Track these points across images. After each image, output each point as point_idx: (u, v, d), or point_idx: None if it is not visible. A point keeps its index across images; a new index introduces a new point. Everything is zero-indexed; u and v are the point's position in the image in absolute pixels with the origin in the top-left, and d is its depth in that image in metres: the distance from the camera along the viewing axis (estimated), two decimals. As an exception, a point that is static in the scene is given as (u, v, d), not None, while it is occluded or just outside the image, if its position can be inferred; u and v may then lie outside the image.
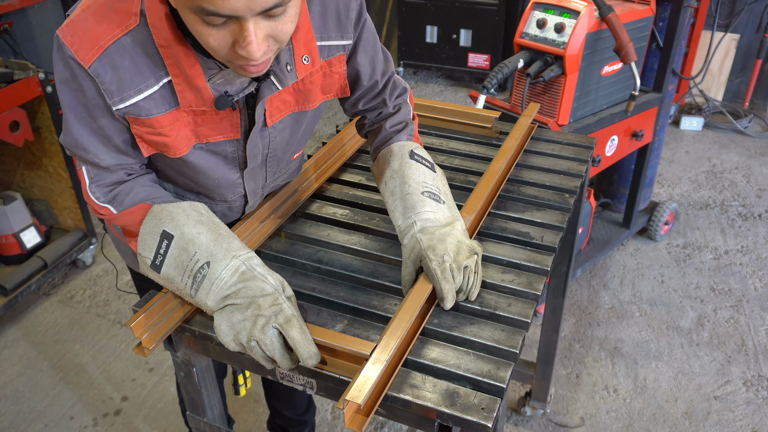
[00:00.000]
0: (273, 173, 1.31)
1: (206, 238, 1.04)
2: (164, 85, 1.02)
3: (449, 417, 0.95)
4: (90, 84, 1.00)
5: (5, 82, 2.46)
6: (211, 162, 1.16)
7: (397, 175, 1.22)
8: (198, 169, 1.16)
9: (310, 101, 1.19)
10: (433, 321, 1.11)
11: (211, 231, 1.05)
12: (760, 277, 2.89)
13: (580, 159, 1.61)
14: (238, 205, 1.33)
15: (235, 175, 1.22)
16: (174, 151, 1.09)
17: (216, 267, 1.02)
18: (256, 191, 1.30)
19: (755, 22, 4.24)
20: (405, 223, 1.17)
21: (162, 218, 1.05)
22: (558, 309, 2.02)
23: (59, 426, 2.26)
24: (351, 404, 0.92)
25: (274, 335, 0.99)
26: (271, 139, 1.19)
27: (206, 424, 1.32)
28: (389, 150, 1.27)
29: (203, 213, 1.08)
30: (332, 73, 1.20)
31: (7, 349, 2.58)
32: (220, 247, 1.03)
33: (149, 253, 1.06)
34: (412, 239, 1.15)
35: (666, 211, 3.04)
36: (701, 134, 4.15)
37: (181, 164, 1.15)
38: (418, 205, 1.17)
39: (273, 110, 1.13)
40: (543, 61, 2.25)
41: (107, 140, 1.07)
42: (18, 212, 2.77)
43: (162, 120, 1.04)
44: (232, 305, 1.01)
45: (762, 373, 2.41)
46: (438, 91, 4.86)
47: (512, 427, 2.23)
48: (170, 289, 1.10)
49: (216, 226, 1.07)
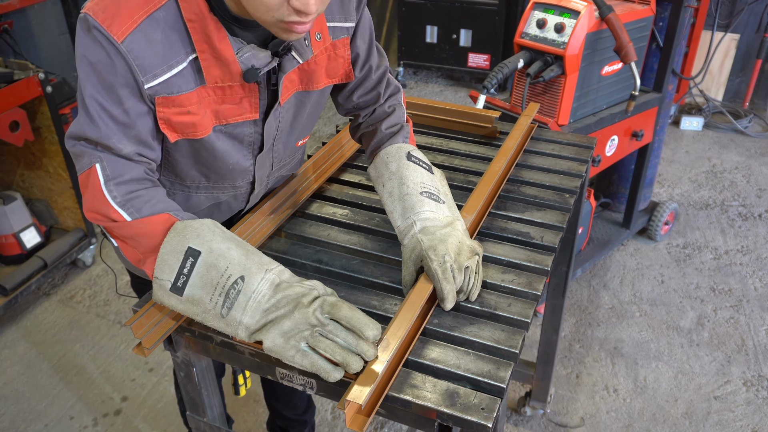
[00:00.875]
0: (279, 160, 1.31)
1: (237, 253, 0.99)
2: (191, 62, 1.03)
3: (449, 417, 0.95)
4: (121, 61, 0.98)
5: (5, 82, 2.46)
6: (229, 146, 1.16)
7: (395, 176, 1.22)
8: (216, 153, 1.15)
9: (314, 82, 1.20)
10: (433, 321, 1.11)
11: (240, 247, 1.01)
12: (760, 277, 2.89)
13: (580, 159, 1.61)
14: (243, 192, 1.32)
15: (248, 161, 1.23)
16: (201, 130, 1.08)
17: (252, 281, 0.96)
18: (263, 178, 1.31)
19: (755, 22, 4.24)
20: (404, 224, 1.17)
21: (186, 234, 0.99)
22: (558, 309, 2.03)
23: (59, 426, 2.26)
24: (352, 404, 0.92)
25: (332, 324, 0.95)
26: (281, 120, 1.20)
27: (206, 424, 1.32)
28: (386, 152, 1.27)
29: (226, 231, 1.03)
30: (337, 57, 1.22)
31: (7, 349, 2.58)
32: (253, 262, 0.99)
33: (169, 275, 0.99)
34: (413, 239, 1.14)
35: (666, 211, 3.04)
36: (701, 134, 4.15)
37: (201, 149, 1.14)
38: (417, 205, 1.17)
39: (283, 89, 1.14)
40: (543, 61, 2.25)
41: (129, 128, 1.03)
42: (18, 212, 2.77)
43: (191, 97, 1.04)
44: (276, 318, 0.96)
45: (762, 373, 2.41)
46: (438, 91, 4.86)
47: (512, 427, 2.23)
48: (189, 315, 1.01)
49: (242, 242, 1.03)
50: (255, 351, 1.08)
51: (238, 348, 1.09)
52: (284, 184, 1.43)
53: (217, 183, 1.26)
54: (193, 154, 1.16)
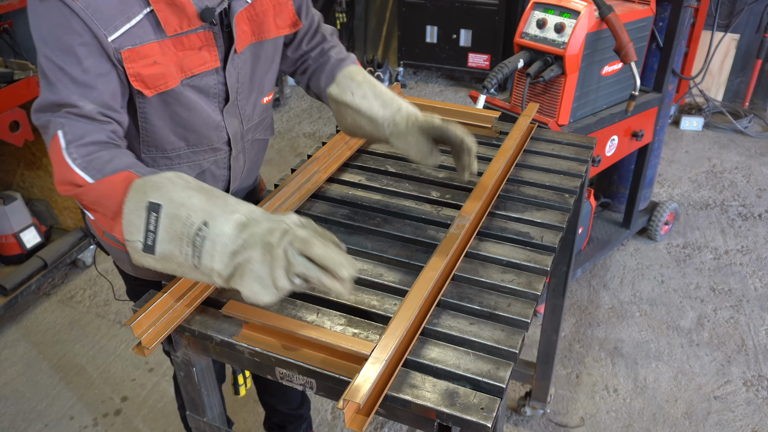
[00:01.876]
0: (247, 118, 1.33)
1: (198, 199, 0.94)
2: (147, 15, 1.07)
3: (449, 417, 0.95)
4: (77, 20, 1.01)
5: (5, 82, 2.47)
6: (197, 99, 1.19)
7: (365, 84, 1.30)
8: (189, 105, 1.18)
9: (265, 31, 1.26)
10: (432, 321, 1.11)
11: (203, 192, 0.96)
12: (760, 277, 2.89)
13: (580, 159, 1.61)
14: (223, 157, 1.32)
15: (218, 115, 1.25)
16: (170, 80, 1.12)
17: (215, 224, 0.91)
18: (237, 138, 1.32)
19: (755, 22, 4.24)
20: (388, 110, 1.24)
21: (146, 189, 0.95)
22: (558, 309, 2.03)
23: (59, 426, 2.26)
24: (351, 404, 0.92)
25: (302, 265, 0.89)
26: (240, 71, 1.24)
27: (206, 424, 1.32)
28: (348, 71, 1.35)
29: (190, 181, 0.98)
30: (281, 6, 1.28)
31: (7, 349, 2.58)
32: (216, 205, 0.94)
33: (138, 235, 0.95)
34: (404, 114, 1.23)
35: (666, 211, 3.04)
36: (701, 134, 4.15)
37: (174, 104, 1.17)
38: (396, 99, 1.27)
39: (237, 37, 1.19)
40: (543, 61, 2.25)
41: (90, 88, 1.03)
42: (18, 212, 2.77)
43: (153, 47, 1.08)
44: (245, 261, 0.90)
45: (762, 373, 2.41)
46: (438, 91, 4.86)
47: (512, 427, 2.23)
48: (170, 272, 0.97)
49: (207, 189, 0.98)
50: (255, 351, 1.08)
51: (237, 348, 1.09)
52: (284, 184, 1.43)
53: (196, 145, 1.26)
54: (170, 115, 1.18)
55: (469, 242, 1.29)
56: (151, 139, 1.21)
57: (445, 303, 1.15)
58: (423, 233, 1.33)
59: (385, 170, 1.57)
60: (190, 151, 1.26)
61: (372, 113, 1.27)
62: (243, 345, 1.08)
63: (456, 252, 1.24)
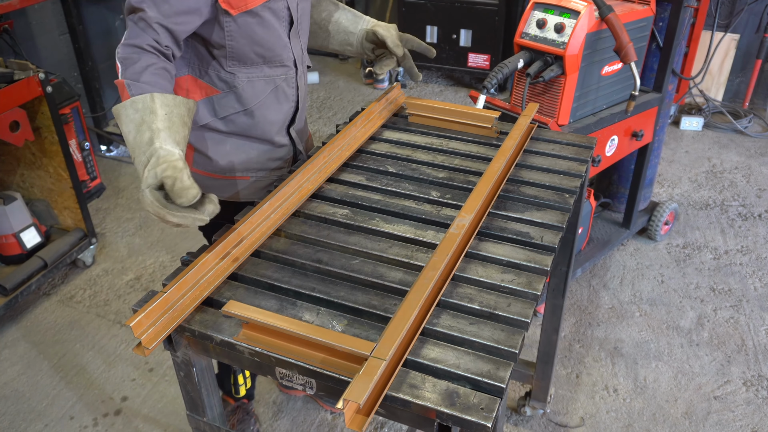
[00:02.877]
0: (302, 47, 1.63)
1: (131, 136, 1.19)
2: None
3: (449, 417, 0.95)
4: None
5: (5, 82, 2.46)
6: (272, 20, 1.48)
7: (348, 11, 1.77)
8: (266, 24, 1.46)
9: None
10: (432, 321, 1.11)
11: (136, 128, 1.19)
12: (760, 277, 2.89)
13: (580, 159, 1.62)
14: (291, 76, 1.60)
15: (286, 37, 1.54)
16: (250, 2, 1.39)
17: (136, 163, 1.18)
18: (299, 58, 1.61)
19: (755, 22, 4.24)
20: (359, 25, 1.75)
21: (115, 115, 1.23)
22: (558, 309, 2.03)
23: (59, 426, 2.26)
24: (351, 404, 0.92)
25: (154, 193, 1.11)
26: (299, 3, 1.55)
27: (206, 424, 1.32)
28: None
29: (138, 109, 1.20)
30: None
31: (7, 349, 2.58)
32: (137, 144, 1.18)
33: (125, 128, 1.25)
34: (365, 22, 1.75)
35: (666, 211, 3.04)
36: (701, 134, 4.15)
37: (254, 24, 1.45)
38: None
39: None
40: (543, 61, 2.25)
41: (167, 1, 1.29)
42: (18, 212, 2.77)
43: None
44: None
45: (762, 373, 2.41)
46: (438, 91, 4.87)
47: (512, 427, 2.23)
48: None
49: (141, 122, 1.19)
50: (255, 351, 1.08)
51: (237, 348, 1.09)
52: (284, 184, 1.43)
53: (271, 62, 1.53)
54: (250, 33, 1.46)
55: (469, 242, 1.29)
56: (236, 54, 1.48)
57: (445, 303, 1.15)
58: (423, 233, 1.33)
59: (385, 170, 1.57)
60: (267, 66, 1.54)
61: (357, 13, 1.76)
62: (243, 345, 1.08)
63: (456, 252, 1.24)
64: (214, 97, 1.53)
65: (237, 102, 1.54)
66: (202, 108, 1.55)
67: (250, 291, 1.20)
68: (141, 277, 2.97)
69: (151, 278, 2.96)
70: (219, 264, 1.22)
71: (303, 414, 2.28)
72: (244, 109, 1.55)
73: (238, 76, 1.51)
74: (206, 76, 1.52)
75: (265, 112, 1.59)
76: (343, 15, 1.76)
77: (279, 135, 1.65)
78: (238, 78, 1.52)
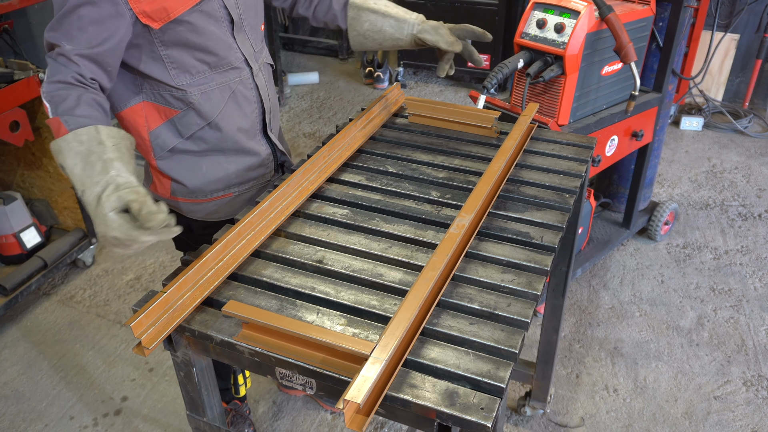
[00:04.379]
0: (254, 41, 1.55)
1: (79, 168, 1.16)
2: None
3: (449, 417, 0.95)
4: None
5: (5, 82, 2.47)
6: (206, 22, 1.39)
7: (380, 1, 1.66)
8: (199, 30, 1.38)
9: None
10: (432, 321, 1.11)
11: (83, 159, 1.16)
12: (760, 277, 2.89)
13: (580, 159, 1.62)
14: (246, 77, 1.53)
15: (228, 36, 1.46)
16: (171, 11, 1.31)
17: (87, 194, 1.13)
18: (251, 57, 1.53)
19: (755, 22, 4.24)
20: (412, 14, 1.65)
21: (55, 150, 1.19)
22: (558, 309, 2.03)
23: (59, 426, 2.26)
24: (351, 404, 0.92)
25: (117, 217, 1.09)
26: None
27: (206, 424, 1.32)
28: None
29: (83, 141, 1.17)
30: None
31: (7, 349, 2.58)
32: (87, 175, 1.14)
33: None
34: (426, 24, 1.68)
35: (666, 211, 3.04)
36: (701, 134, 4.15)
37: (184, 32, 1.37)
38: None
39: None
40: (543, 61, 2.25)
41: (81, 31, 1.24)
42: (18, 212, 2.77)
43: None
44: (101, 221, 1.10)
45: (762, 373, 2.41)
46: (438, 91, 4.86)
47: (512, 427, 2.23)
48: None
49: (89, 153, 1.16)
50: (255, 351, 1.08)
51: (237, 348, 1.09)
52: (284, 184, 1.43)
53: (218, 67, 1.46)
54: (183, 41, 1.38)
55: (469, 242, 1.29)
56: (178, 65, 1.41)
57: (445, 303, 1.15)
58: (423, 233, 1.33)
59: (385, 170, 1.57)
60: (215, 73, 1.47)
61: (399, 15, 1.63)
62: (243, 345, 1.08)
63: (456, 252, 1.24)
64: (174, 117, 1.48)
65: (198, 117, 1.49)
66: (165, 131, 1.50)
67: (250, 291, 1.20)
68: (141, 277, 2.97)
69: (151, 278, 2.96)
70: (219, 264, 1.22)
71: (303, 414, 2.28)
72: (208, 123, 1.50)
73: (190, 91, 1.45)
74: (161, 98, 1.46)
75: (230, 121, 1.53)
76: (386, 23, 1.66)
77: (253, 141, 1.61)
78: (190, 93, 1.45)
